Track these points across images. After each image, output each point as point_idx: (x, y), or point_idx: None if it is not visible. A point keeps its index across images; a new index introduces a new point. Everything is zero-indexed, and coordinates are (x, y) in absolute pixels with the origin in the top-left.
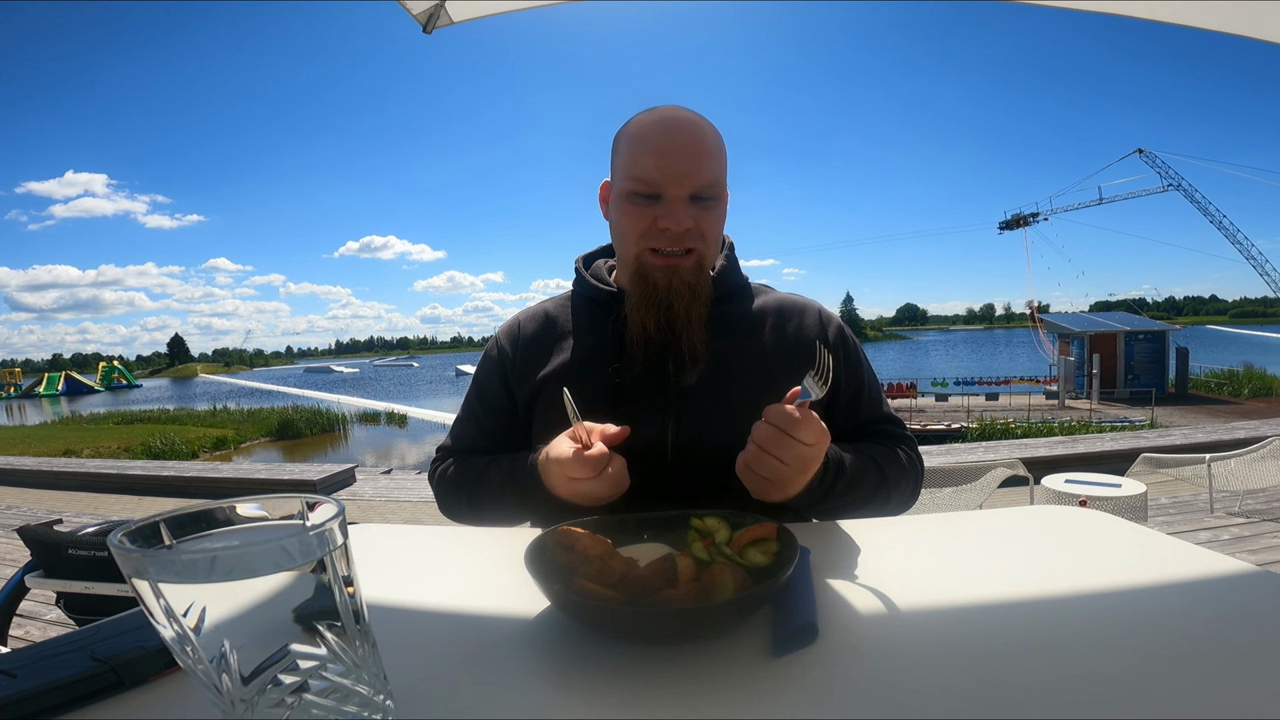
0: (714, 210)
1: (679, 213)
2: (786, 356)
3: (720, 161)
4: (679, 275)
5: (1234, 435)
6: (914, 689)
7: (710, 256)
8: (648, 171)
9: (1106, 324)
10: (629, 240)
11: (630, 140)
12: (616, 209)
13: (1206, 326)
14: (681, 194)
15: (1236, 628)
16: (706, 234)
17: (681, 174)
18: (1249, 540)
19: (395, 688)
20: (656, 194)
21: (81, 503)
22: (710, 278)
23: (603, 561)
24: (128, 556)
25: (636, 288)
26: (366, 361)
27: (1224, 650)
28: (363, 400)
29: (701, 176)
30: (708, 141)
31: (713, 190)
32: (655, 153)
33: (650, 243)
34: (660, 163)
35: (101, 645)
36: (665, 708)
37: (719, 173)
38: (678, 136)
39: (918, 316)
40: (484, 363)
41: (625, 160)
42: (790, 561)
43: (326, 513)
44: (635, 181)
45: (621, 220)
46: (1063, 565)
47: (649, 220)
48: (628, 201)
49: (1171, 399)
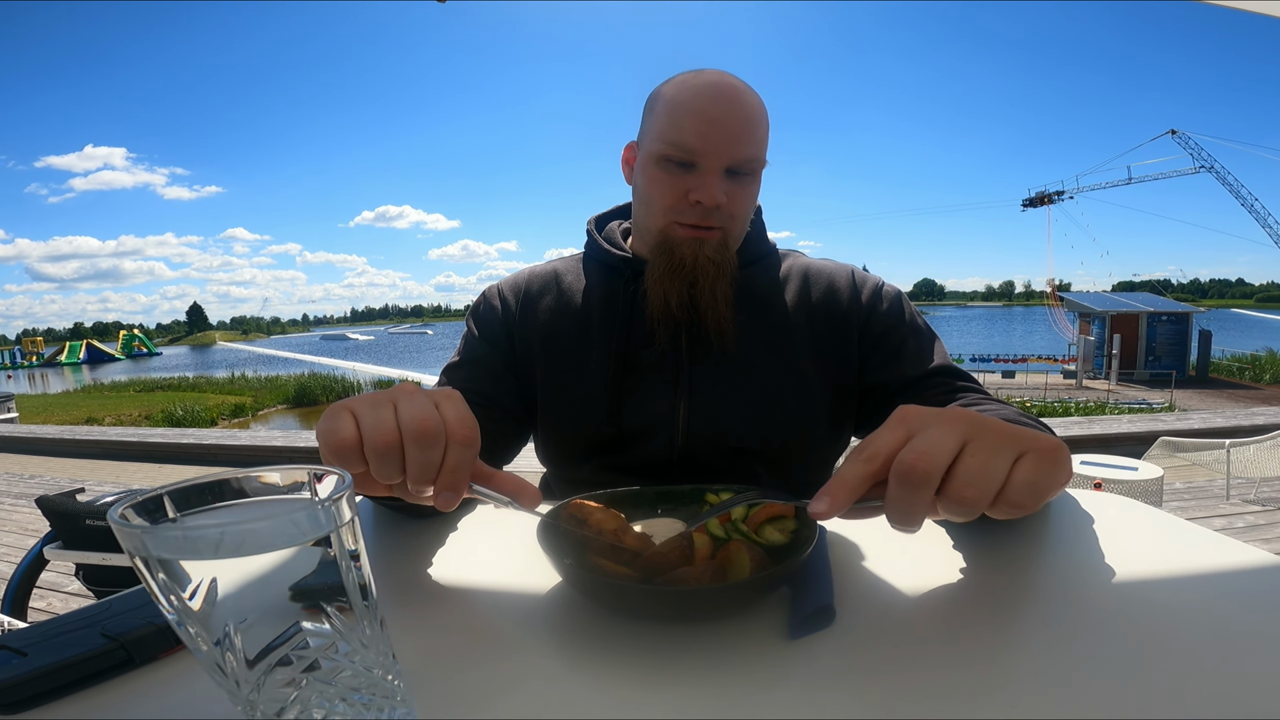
0: (749, 186)
1: (712, 186)
2: (811, 327)
3: (764, 135)
4: (704, 249)
5: (1253, 421)
6: (930, 673)
7: (737, 234)
8: (687, 137)
9: (1129, 304)
10: (655, 210)
11: (670, 102)
12: (644, 174)
13: (1231, 310)
14: (718, 165)
15: (1259, 622)
16: (736, 213)
17: (723, 143)
18: (1264, 529)
19: (404, 666)
20: (691, 162)
21: (104, 471)
22: (734, 255)
23: (616, 537)
24: (128, 532)
25: (660, 260)
26: (381, 329)
27: (1246, 645)
28: (378, 367)
29: (744, 149)
30: (755, 112)
31: (751, 165)
32: (698, 117)
33: (679, 215)
34: (703, 129)
35: (113, 621)
36: (678, 687)
37: (759, 148)
38: (725, 104)
39: (935, 292)
40: (484, 310)
41: (662, 122)
42: (809, 541)
43: (335, 485)
44: (671, 146)
45: (649, 188)
46: (1078, 549)
47: (680, 192)
48: (658, 167)
49: (1191, 382)
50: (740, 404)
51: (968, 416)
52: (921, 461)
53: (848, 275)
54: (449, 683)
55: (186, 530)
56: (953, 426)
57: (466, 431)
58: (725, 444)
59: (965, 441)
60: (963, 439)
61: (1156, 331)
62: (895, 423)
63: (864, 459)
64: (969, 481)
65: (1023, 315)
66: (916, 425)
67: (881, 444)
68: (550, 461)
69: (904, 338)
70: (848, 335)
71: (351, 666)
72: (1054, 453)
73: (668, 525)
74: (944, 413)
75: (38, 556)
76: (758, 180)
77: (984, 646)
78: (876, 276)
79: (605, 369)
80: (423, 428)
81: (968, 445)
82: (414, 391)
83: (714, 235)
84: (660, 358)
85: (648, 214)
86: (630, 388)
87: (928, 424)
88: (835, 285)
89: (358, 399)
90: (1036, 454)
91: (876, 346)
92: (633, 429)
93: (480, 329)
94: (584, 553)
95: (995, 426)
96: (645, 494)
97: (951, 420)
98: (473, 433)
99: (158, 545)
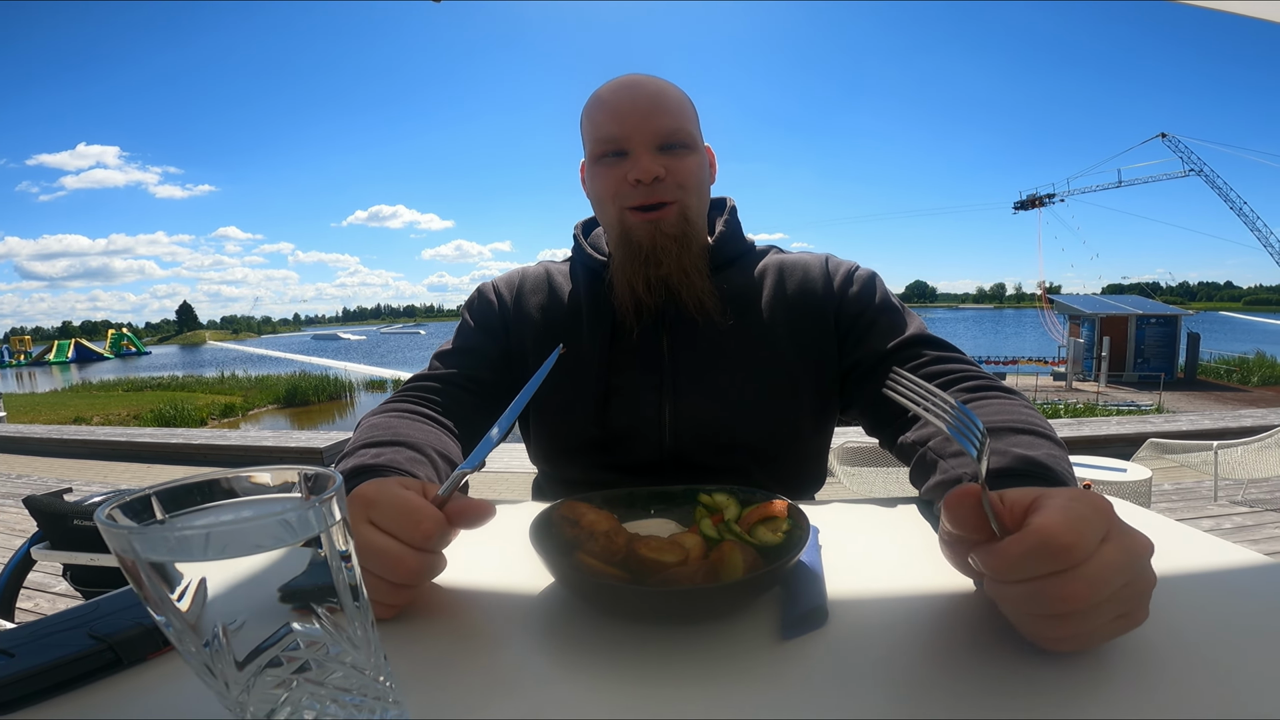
0: (686, 158)
1: (645, 161)
2: (790, 322)
3: (682, 112)
4: (660, 228)
5: (1241, 423)
6: (922, 672)
7: (694, 206)
8: (607, 128)
9: (1119, 306)
10: (606, 203)
11: (590, 108)
12: (590, 176)
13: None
14: (646, 143)
15: (1248, 621)
16: (684, 183)
17: (641, 123)
18: (1251, 530)
19: (396, 667)
20: (621, 150)
21: (91, 471)
22: (699, 229)
23: (608, 538)
24: (115, 532)
25: (620, 250)
26: (374, 329)
27: (1236, 644)
28: (370, 367)
29: (663, 122)
30: (665, 92)
31: (679, 137)
32: (612, 108)
33: (626, 200)
34: (617, 116)
35: (100, 622)
36: (671, 687)
37: (682, 120)
38: (632, 90)
39: (927, 294)
40: (480, 303)
41: (588, 128)
42: (801, 541)
43: (326, 485)
44: (598, 143)
45: (595, 185)
46: None
47: (620, 178)
48: (597, 165)
49: (1180, 384)
50: (725, 404)
51: (1146, 556)
52: (1079, 596)
53: (821, 264)
54: (441, 683)
55: (175, 531)
56: (1114, 574)
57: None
58: (714, 442)
59: (1126, 582)
60: (1128, 579)
61: (1145, 334)
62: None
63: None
64: (1079, 621)
65: (1014, 317)
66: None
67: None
68: (543, 461)
69: (875, 316)
70: (825, 323)
71: (342, 668)
72: (1138, 624)
73: (661, 526)
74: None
75: (25, 557)
76: (697, 153)
77: (976, 647)
78: (850, 262)
79: (591, 372)
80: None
81: (1124, 586)
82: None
83: (668, 212)
84: (641, 358)
85: (603, 211)
86: (615, 388)
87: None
88: (810, 276)
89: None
90: (1130, 622)
91: (850, 329)
92: (619, 431)
93: (476, 320)
94: (575, 552)
95: (1138, 587)
96: (638, 494)
97: (1116, 568)
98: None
99: (145, 546)
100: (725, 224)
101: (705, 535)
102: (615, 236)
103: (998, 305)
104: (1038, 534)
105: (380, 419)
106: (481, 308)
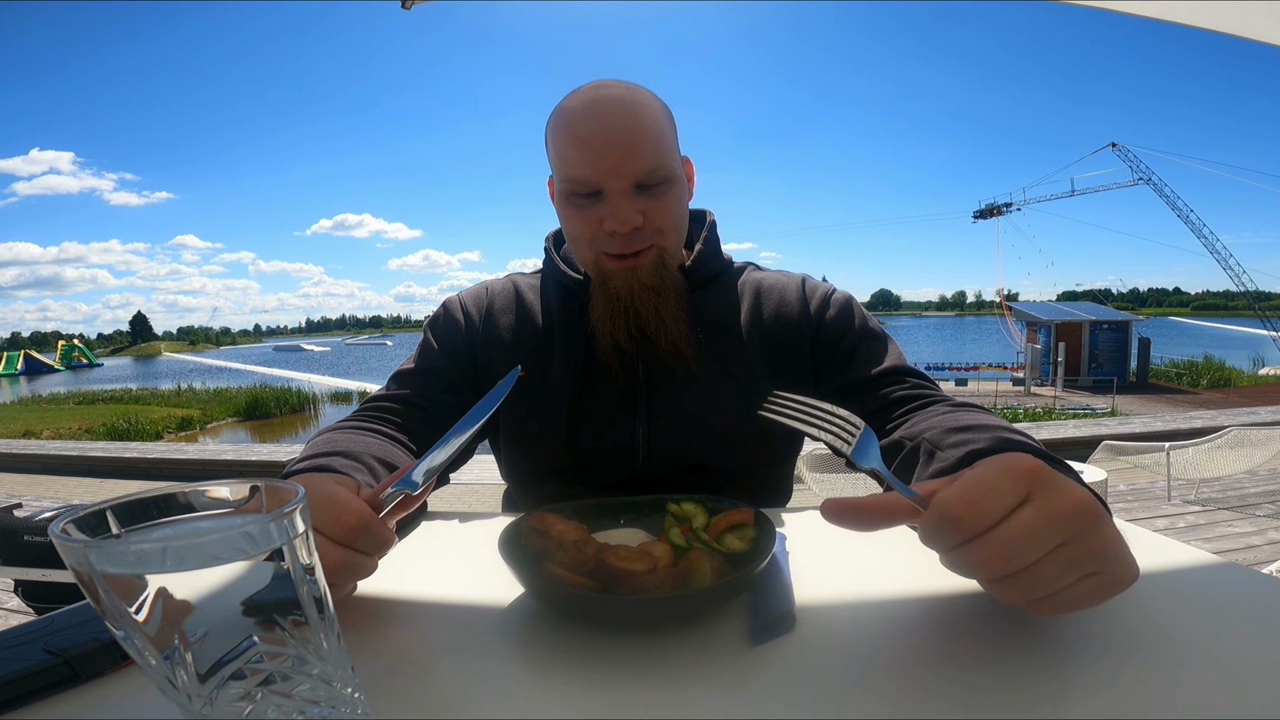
0: (665, 197)
1: (624, 210)
2: (766, 346)
3: (661, 140)
4: (638, 278)
5: (1191, 425)
6: (890, 675)
7: (672, 248)
8: (579, 170)
9: (1073, 313)
10: (581, 245)
11: (556, 132)
12: (560, 210)
13: (1169, 318)
14: (622, 186)
15: (1202, 619)
16: (662, 226)
17: (616, 164)
18: (1204, 529)
19: (365, 678)
20: (595, 191)
21: (41, 486)
22: (676, 271)
23: (577, 548)
24: (70, 547)
25: (599, 298)
26: (338, 340)
27: (1190, 642)
28: (335, 379)
29: (640, 163)
30: (641, 121)
31: (658, 175)
32: (584, 147)
33: (602, 247)
34: (589, 157)
35: (55, 637)
36: (643, 695)
37: (662, 154)
38: (605, 125)
39: (891, 302)
40: (444, 322)
41: (555, 157)
42: (767, 548)
43: (287, 497)
44: (569, 183)
45: (568, 225)
46: None
47: (594, 223)
48: (568, 203)
49: (1132, 388)
50: (698, 428)
51: (1082, 515)
52: (1000, 554)
53: (797, 287)
54: (411, 693)
55: (132, 545)
56: (1030, 537)
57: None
58: (686, 463)
59: (1063, 542)
60: (1063, 538)
61: (1099, 339)
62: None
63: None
64: (1029, 585)
65: (974, 325)
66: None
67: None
68: (513, 479)
69: (855, 343)
70: (800, 347)
71: (309, 679)
72: (1126, 585)
73: (630, 535)
74: (1063, 508)
75: None
76: (677, 186)
77: (942, 649)
78: (827, 284)
79: (565, 396)
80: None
81: (1062, 546)
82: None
83: (645, 259)
84: (618, 384)
85: (576, 249)
86: (587, 411)
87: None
88: (786, 299)
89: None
90: (1111, 581)
91: (829, 355)
92: (592, 454)
93: (440, 341)
94: (544, 563)
95: (1089, 547)
96: (607, 505)
97: (1063, 519)
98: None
99: (102, 560)
100: (705, 242)
101: (674, 544)
102: (593, 278)
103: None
104: (932, 510)
105: (326, 435)
106: (446, 327)
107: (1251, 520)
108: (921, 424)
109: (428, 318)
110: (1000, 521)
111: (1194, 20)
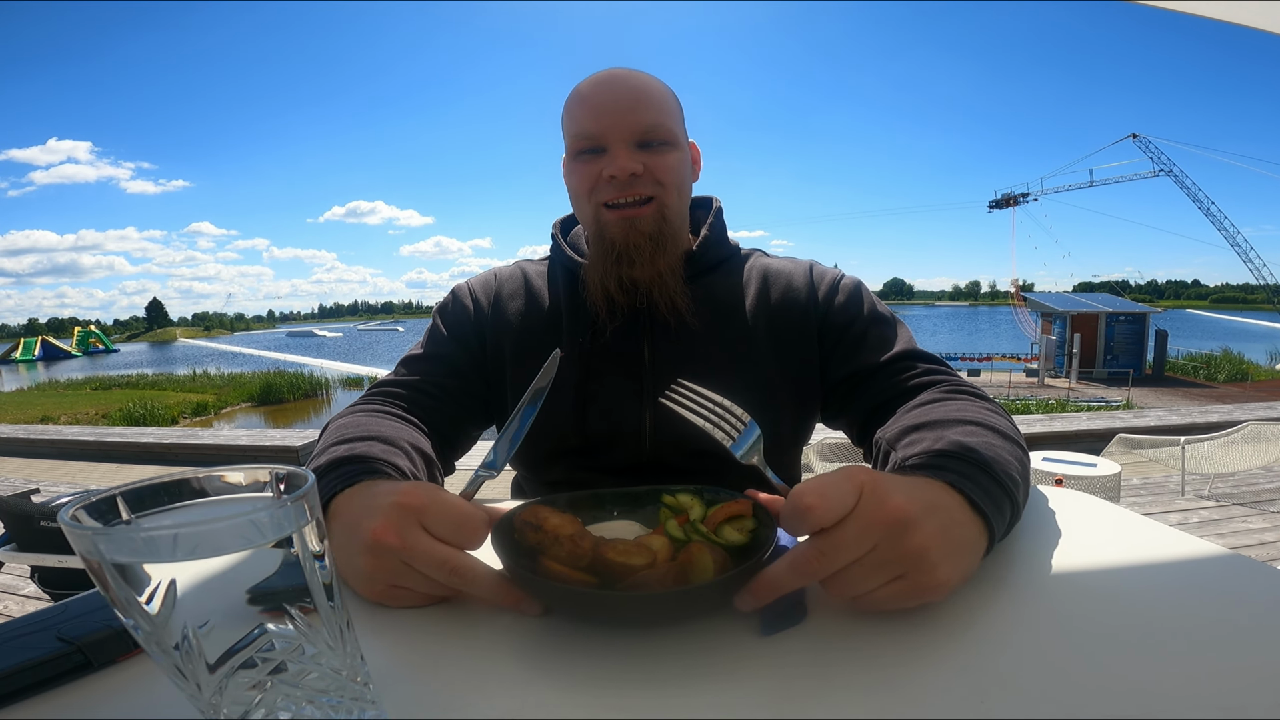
0: (666, 155)
1: (622, 158)
2: (773, 331)
3: (664, 107)
4: (636, 226)
5: (1207, 419)
6: (901, 668)
7: (674, 204)
8: (585, 124)
9: (1089, 304)
10: (582, 199)
11: (570, 104)
12: (568, 172)
13: (1187, 310)
14: (624, 139)
15: (1215, 613)
16: (663, 179)
17: (619, 119)
18: (1218, 524)
19: (374, 668)
20: (600, 146)
21: (59, 471)
22: (678, 228)
23: (574, 542)
24: (79, 534)
25: (594, 247)
26: (350, 326)
27: (1202, 636)
28: (347, 364)
29: (642, 118)
30: (647, 87)
31: (658, 134)
32: (591, 104)
33: (601, 196)
34: (594, 112)
35: (69, 624)
36: (652, 686)
37: (663, 116)
38: (612, 86)
39: (904, 291)
40: (454, 308)
41: (567, 124)
42: (768, 540)
43: (298, 483)
44: (576, 139)
45: (572, 181)
46: (1041, 544)
47: (595, 173)
48: (575, 161)
49: (1148, 380)
50: None
51: (893, 524)
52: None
53: (805, 273)
54: (419, 684)
55: (141, 532)
56: (870, 535)
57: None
58: (692, 448)
59: (874, 547)
60: (874, 544)
61: (1115, 331)
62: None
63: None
64: (844, 585)
65: (988, 315)
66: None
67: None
68: (522, 464)
69: (865, 328)
70: (807, 333)
71: (318, 669)
72: (934, 592)
73: (625, 528)
74: (876, 516)
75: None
76: (678, 150)
77: (952, 641)
78: (835, 270)
79: (571, 378)
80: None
81: (873, 551)
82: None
83: (645, 210)
84: (624, 366)
85: (580, 207)
86: (595, 394)
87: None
88: (793, 284)
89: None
90: (914, 586)
91: (839, 340)
92: (599, 437)
93: (449, 327)
94: (542, 559)
95: (909, 547)
96: (601, 496)
97: (870, 526)
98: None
99: (111, 548)
100: (710, 227)
101: (671, 536)
102: (591, 234)
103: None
104: (789, 498)
105: (348, 419)
106: (455, 313)
107: (1266, 516)
108: (895, 422)
109: (437, 304)
110: (835, 525)
111: (1216, 14)
